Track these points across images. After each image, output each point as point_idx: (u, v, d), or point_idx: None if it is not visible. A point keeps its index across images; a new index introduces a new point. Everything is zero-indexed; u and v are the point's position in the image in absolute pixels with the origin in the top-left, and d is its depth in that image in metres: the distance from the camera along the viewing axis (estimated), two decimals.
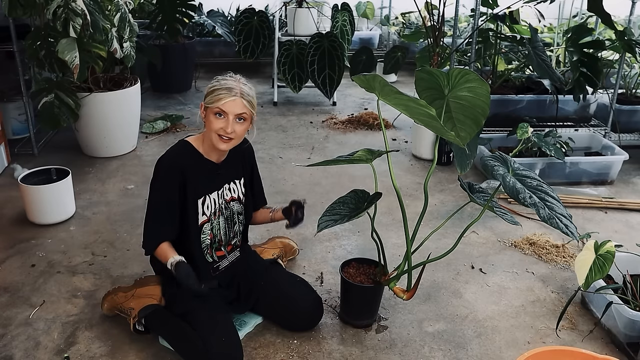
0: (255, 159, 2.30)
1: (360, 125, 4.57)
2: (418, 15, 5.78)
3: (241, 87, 1.99)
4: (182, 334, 2.01)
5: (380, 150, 2.02)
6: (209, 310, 2.03)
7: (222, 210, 2.15)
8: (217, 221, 2.14)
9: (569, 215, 1.89)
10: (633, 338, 2.12)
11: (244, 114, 1.99)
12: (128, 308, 2.16)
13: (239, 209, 2.21)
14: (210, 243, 2.15)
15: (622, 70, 3.93)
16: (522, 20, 4.26)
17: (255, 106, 2.03)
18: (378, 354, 2.12)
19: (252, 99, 2.01)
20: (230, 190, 2.17)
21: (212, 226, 2.13)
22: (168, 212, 2.04)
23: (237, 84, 2.00)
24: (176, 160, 2.04)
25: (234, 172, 2.18)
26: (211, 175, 2.10)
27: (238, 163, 2.19)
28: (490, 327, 2.28)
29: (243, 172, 2.22)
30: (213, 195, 2.11)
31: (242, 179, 2.21)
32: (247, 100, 1.99)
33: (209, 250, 2.16)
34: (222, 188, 2.14)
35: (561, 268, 2.69)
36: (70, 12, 3.09)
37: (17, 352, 2.07)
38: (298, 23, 4.95)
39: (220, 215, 2.15)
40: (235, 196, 2.19)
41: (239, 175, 2.20)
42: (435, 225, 2.82)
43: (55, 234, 2.85)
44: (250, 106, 2.00)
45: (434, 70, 2.00)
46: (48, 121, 3.43)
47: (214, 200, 2.12)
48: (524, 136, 3.42)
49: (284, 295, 2.19)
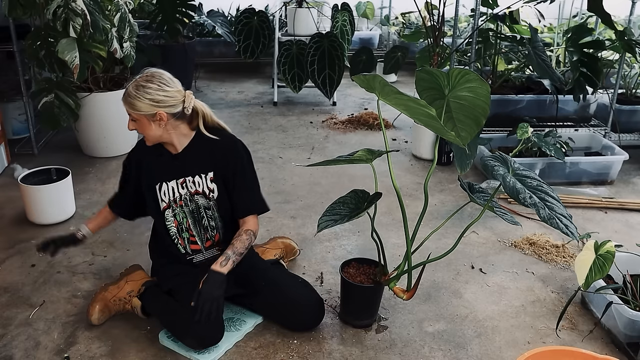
0: (242, 162, 2.17)
1: (360, 125, 4.57)
2: (418, 15, 5.78)
3: (129, 89, 2.01)
4: (168, 308, 2.11)
5: (380, 150, 2.02)
6: (192, 286, 2.05)
7: (187, 201, 2.17)
8: (180, 210, 2.17)
9: (569, 215, 1.89)
10: (633, 338, 2.12)
11: (130, 115, 2.04)
12: (127, 292, 2.23)
13: (205, 204, 2.18)
14: (177, 232, 2.18)
15: (622, 70, 3.93)
16: (522, 20, 4.26)
17: (143, 105, 1.99)
18: (378, 354, 2.12)
19: (135, 100, 1.99)
20: (194, 184, 2.16)
21: (175, 213, 2.17)
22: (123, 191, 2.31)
23: (130, 85, 2.02)
24: (133, 153, 2.24)
25: (197, 166, 2.16)
26: (167, 164, 2.16)
27: (205, 158, 2.15)
28: (490, 327, 2.28)
29: (212, 168, 2.16)
30: (171, 183, 2.16)
31: (209, 173, 2.16)
32: (127, 103, 2.01)
33: (180, 239, 2.19)
34: (184, 179, 2.16)
35: (561, 268, 2.69)
36: (70, 12, 3.09)
37: (17, 352, 2.07)
38: (298, 23, 4.95)
39: (183, 205, 2.17)
40: (200, 190, 2.17)
41: (205, 170, 2.16)
42: (435, 225, 2.82)
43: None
44: (131, 107, 2.01)
45: (434, 70, 2.00)
46: (48, 121, 3.43)
47: (173, 188, 2.16)
48: (524, 136, 3.42)
49: (286, 297, 2.18)
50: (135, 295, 2.23)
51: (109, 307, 2.22)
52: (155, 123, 2.03)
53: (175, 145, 2.12)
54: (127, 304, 2.23)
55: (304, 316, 2.19)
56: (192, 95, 2.09)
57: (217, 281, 2.01)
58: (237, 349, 2.11)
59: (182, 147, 2.13)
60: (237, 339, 2.15)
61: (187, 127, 2.12)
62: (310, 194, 3.34)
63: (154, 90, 1.99)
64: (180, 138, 2.12)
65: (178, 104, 2.04)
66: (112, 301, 2.23)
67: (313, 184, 3.48)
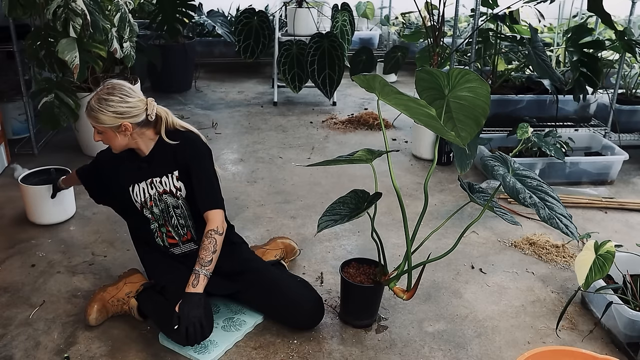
0: (198, 159, 2.18)
1: (360, 125, 4.57)
2: (418, 15, 5.78)
3: (91, 103, 2.05)
4: (159, 306, 2.14)
5: (380, 150, 2.02)
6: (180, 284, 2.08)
7: (156, 201, 2.22)
8: (153, 210, 2.23)
9: (569, 215, 1.89)
10: (633, 338, 2.12)
11: (96, 127, 2.09)
12: (125, 294, 2.25)
13: (174, 202, 2.21)
14: (157, 226, 2.25)
15: (622, 70, 3.93)
16: (522, 20, 4.26)
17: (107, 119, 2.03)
18: (378, 354, 2.12)
19: (98, 114, 2.03)
20: (162, 184, 2.20)
21: (151, 212, 2.24)
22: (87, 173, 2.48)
23: (92, 98, 2.06)
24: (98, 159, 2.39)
25: (162, 168, 2.20)
26: (135, 166, 2.21)
27: (169, 159, 2.19)
28: (490, 327, 2.28)
29: (177, 167, 2.19)
30: (142, 184, 2.21)
31: (174, 173, 2.19)
32: (91, 117, 2.06)
33: (159, 233, 2.26)
34: (152, 179, 2.20)
35: (561, 268, 2.69)
36: (70, 12, 3.09)
37: (17, 352, 2.07)
38: (298, 23, 4.95)
39: (154, 205, 2.22)
40: (168, 189, 2.20)
41: (170, 170, 2.20)
42: (435, 225, 2.82)
43: (55, 234, 2.85)
44: (95, 121, 2.05)
45: (434, 70, 2.00)
46: (48, 121, 3.43)
47: (143, 189, 2.22)
48: (524, 136, 3.42)
49: (286, 297, 2.19)
50: (133, 296, 2.24)
51: (106, 308, 2.23)
52: (120, 134, 2.08)
53: (142, 149, 2.18)
54: (125, 305, 2.24)
55: (303, 316, 2.19)
56: (154, 102, 2.14)
57: (194, 302, 2.02)
58: (237, 349, 2.11)
59: (149, 150, 2.19)
60: (237, 339, 2.15)
61: (152, 131, 2.17)
62: (310, 194, 3.34)
63: (116, 102, 2.03)
64: (147, 142, 2.17)
65: (141, 113, 2.08)
66: (110, 302, 2.23)
67: (313, 184, 3.48)
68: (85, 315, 2.20)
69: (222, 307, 2.31)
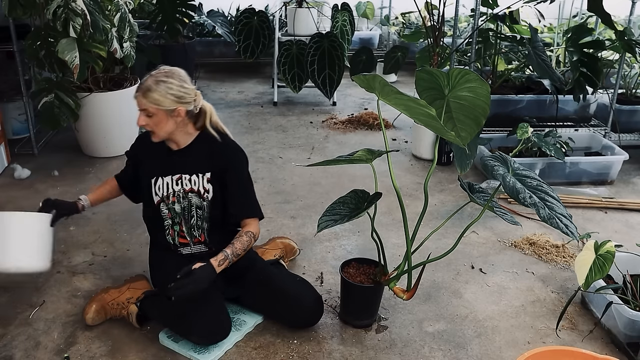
0: (238, 166, 2.19)
1: (360, 125, 4.57)
2: (418, 15, 5.77)
3: (148, 83, 2.01)
4: (171, 309, 2.08)
5: (380, 150, 2.02)
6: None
7: (179, 198, 2.18)
8: (173, 206, 2.19)
9: (569, 215, 1.89)
10: (633, 338, 2.12)
11: (145, 110, 2.04)
12: (126, 298, 2.22)
13: (198, 202, 2.18)
14: (171, 224, 2.20)
15: (622, 70, 3.93)
16: (522, 20, 4.26)
17: (164, 100, 2.01)
18: (378, 354, 2.12)
19: (156, 94, 2.00)
20: (190, 182, 2.17)
21: (169, 208, 2.19)
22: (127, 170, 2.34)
23: (148, 79, 2.03)
24: (133, 146, 2.31)
25: (195, 165, 2.17)
26: (165, 159, 2.18)
27: (203, 158, 2.16)
28: (490, 327, 2.28)
29: (211, 169, 2.17)
30: (167, 178, 2.18)
31: (206, 174, 2.17)
32: (147, 97, 2.01)
33: (171, 231, 2.21)
34: (180, 176, 2.17)
35: (561, 268, 2.69)
36: (70, 12, 3.09)
37: (17, 352, 2.07)
38: (298, 23, 4.95)
39: (176, 201, 2.18)
40: (195, 189, 2.18)
41: (203, 170, 2.17)
42: (435, 225, 2.82)
43: (55, 234, 2.85)
44: (152, 102, 2.01)
45: (434, 70, 2.00)
46: (48, 121, 3.43)
47: (167, 183, 2.18)
48: (524, 136, 3.42)
49: (285, 295, 2.19)
50: (134, 302, 2.21)
51: (105, 310, 2.22)
52: (172, 119, 2.06)
53: (178, 142, 2.15)
54: (124, 309, 2.21)
55: (304, 313, 2.19)
56: (200, 95, 2.13)
57: (209, 273, 2.00)
58: (237, 349, 2.11)
59: (184, 144, 2.16)
60: (237, 339, 2.15)
61: (192, 126, 2.15)
62: (310, 194, 3.34)
63: (175, 85, 2.02)
64: (185, 136, 2.15)
65: (192, 102, 2.08)
66: (110, 304, 2.22)
67: (313, 184, 3.48)
68: (83, 314, 2.20)
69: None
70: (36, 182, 3.40)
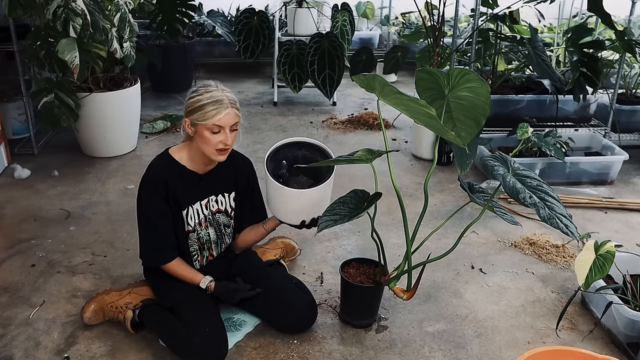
0: (254, 176, 2.27)
1: (360, 125, 4.57)
2: (418, 15, 5.78)
3: (227, 95, 1.96)
4: (169, 325, 2.06)
5: (380, 150, 2.02)
6: (194, 302, 2.07)
7: (211, 221, 2.17)
8: (206, 232, 2.17)
9: (569, 215, 1.89)
10: (633, 338, 2.12)
11: (237, 123, 2.00)
12: (125, 303, 2.19)
13: (226, 221, 2.21)
14: (198, 249, 2.19)
15: (622, 70, 3.93)
16: (522, 20, 4.26)
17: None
18: (378, 354, 2.12)
19: (238, 103, 2.01)
20: (217, 202, 2.17)
21: (199, 236, 2.17)
22: (165, 224, 2.07)
23: (222, 93, 1.95)
24: (158, 174, 2.04)
25: (221, 185, 2.17)
26: (193, 186, 2.10)
27: (229, 176, 2.17)
28: (490, 327, 2.28)
29: (235, 186, 2.20)
30: (196, 205, 2.12)
31: (232, 192, 2.20)
32: (237, 107, 1.98)
33: (199, 257, 2.20)
34: (207, 199, 2.15)
35: (561, 268, 2.69)
36: (70, 12, 3.09)
37: (17, 352, 2.07)
38: (298, 23, 4.95)
39: (209, 225, 2.17)
40: (222, 209, 2.19)
41: (229, 189, 2.19)
42: (435, 225, 2.82)
43: (55, 234, 2.85)
44: (239, 112, 2.01)
45: (434, 70, 2.00)
46: (48, 121, 3.43)
47: (197, 210, 2.13)
48: (524, 136, 3.42)
49: (277, 296, 2.17)
50: (132, 308, 2.17)
51: (103, 311, 2.20)
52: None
53: (212, 162, 2.10)
54: (122, 313, 2.18)
55: (292, 319, 2.17)
56: None
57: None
58: (237, 349, 2.11)
59: (213, 165, 2.13)
60: (237, 339, 2.15)
61: None
62: None
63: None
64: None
65: None
66: (109, 306, 2.20)
67: None
68: (81, 312, 2.20)
69: (222, 307, 2.30)
70: (36, 182, 3.40)
